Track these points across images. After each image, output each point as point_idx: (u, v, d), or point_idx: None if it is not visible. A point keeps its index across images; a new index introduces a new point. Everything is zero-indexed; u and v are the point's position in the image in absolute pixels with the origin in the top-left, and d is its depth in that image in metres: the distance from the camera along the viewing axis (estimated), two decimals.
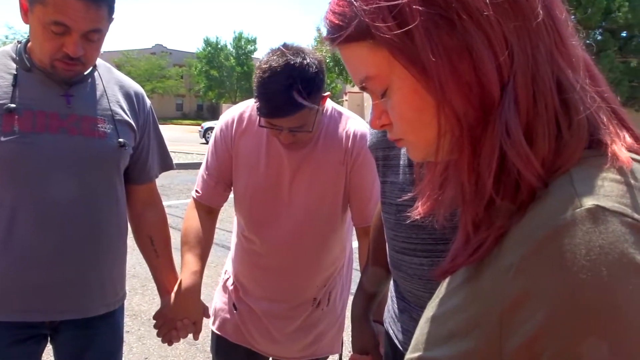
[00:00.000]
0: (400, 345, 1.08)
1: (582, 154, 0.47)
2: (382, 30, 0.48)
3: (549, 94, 0.47)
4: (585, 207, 0.42)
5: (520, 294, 0.43)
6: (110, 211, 1.34)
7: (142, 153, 1.45)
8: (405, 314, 1.08)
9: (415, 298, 1.04)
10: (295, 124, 1.31)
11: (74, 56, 1.17)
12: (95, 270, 1.33)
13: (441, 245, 0.96)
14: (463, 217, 0.53)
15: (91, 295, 1.33)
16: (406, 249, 1.02)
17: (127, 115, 1.36)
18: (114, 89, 1.37)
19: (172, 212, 6.55)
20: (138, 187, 1.47)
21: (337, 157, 1.43)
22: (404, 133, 0.55)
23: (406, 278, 1.04)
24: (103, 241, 1.33)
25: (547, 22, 0.49)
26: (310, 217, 1.47)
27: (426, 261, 0.99)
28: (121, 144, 1.31)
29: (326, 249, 1.53)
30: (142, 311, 3.50)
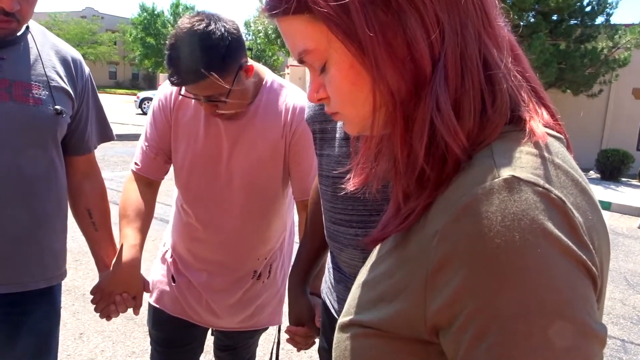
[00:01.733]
0: (336, 315, 1.12)
1: (503, 129, 0.51)
2: (319, 4, 0.49)
3: (476, 71, 0.50)
4: (502, 178, 0.45)
5: (443, 258, 0.46)
6: (47, 182, 1.28)
7: (81, 122, 1.38)
8: (341, 284, 1.11)
9: (350, 268, 1.07)
10: (207, 93, 1.29)
11: (10, 10, 1.10)
12: (34, 243, 1.27)
13: (375, 216, 1.00)
14: (395, 188, 0.56)
15: (29, 269, 1.28)
16: (342, 220, 1.05)
17: (63, 81, 1.29)
18: (49, 53, 1.29)
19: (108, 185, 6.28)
20: (76, 159, 1.41)
21: (276, 130, 1.42)
22: (340, 107, 0.56)
23: (342, 249, 1.07)
24: (40, 213, 1.27)
25: (476, 2, 0.51)
26: (249, 190, 1.46)
27: (361, 232, 1.02)
28: (57, 112, 1.25)
29: (266, 223, 1.53)
30: (75, 286, 3.39)
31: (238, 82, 1.31)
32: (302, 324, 1.25)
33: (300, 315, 1.25)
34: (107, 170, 7.41)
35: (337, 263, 1.13)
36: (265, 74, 1.47)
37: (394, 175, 0.55)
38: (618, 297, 4.34)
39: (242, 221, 1.50)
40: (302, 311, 1.25)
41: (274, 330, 1.64)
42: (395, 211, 0.56)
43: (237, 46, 1.28)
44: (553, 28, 11.55)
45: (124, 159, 8.55)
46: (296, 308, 1.26)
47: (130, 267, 1.36)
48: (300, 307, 1.25)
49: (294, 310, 1.26)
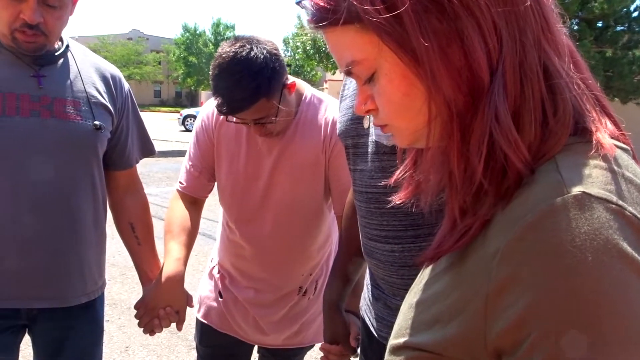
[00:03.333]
0: (375, 332, 1.09)
1: (567, 141, 0.48)
2: (370, 13, 0.47)
3: (536, 80, 0.47)
4: (571, 194, 0.42)
5: (506, 279, 0.43)
6: (87, 196, 1.31)
7: (121, 137, 1.41)
8: (379, 301, 1.09)
9: (388, 285, 1.05)
10: (256, 116, 1.30)
11: (31, 22, 1.13)
12: (74, 257, 1.30)
13: (411, 231, 0.97)
14: (450, 203, 0.53)
15: (71, 283, 1.31)
16: (378, 236, 1.02)
17: (103, 97, 1.33)
18: (89, 70, 1.33)
19: (152, 200, 6.45)
20: (118, 173, 1.44)
21: (316, 144, 1.42)
22: (390, 119, 0.54)
23: (379, 265, 1.04)
24: (80, 227, 1.30)
25: (534, 7, 0.49)
26: (292, 206, 1.46)
27: (397, 248, 0.99)
28: (97, 127, 1.28)
29: (310, 238, 1.52)
30: (122, 300, 3.47)
31: (283, 101, 1.32)
32: (337, 342, 1.22)
33: (335, 333, 1.23)
34: (151, 186, 7.61)
35: (375, 280, 1.10)
36: (304, 88, 1.48)
37: (449, 189, 0.52)
38: None
39: (285, 238, 1.49)
40: (337, 329, 1.22)
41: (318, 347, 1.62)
42: (451, 228, 0.53)
43: (279, 66, 1.29)
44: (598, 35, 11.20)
45: (167, 174, 8.76)
46: (331, 326, 1.23)
47: (174, 281, 1.37)
48: (335, 325, 1.23)
49: (329, 328, 1.24)
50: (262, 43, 1.28)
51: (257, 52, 1.25)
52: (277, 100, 1.30)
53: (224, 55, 1.26)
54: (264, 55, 1.25)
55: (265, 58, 1.25)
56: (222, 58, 1.26)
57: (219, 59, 1.27)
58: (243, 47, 1.25)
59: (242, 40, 1.28)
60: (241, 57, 1.24)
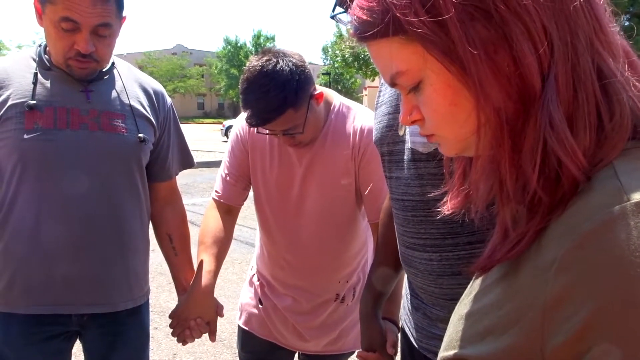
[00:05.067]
0: (415, 342, 1.08)
1: (625, 146, 0.46)
2: (415, 24, 0.47)
3: (590, 84, 0.46)
4: (633, 201, 0.40)
5: (564, 289, 0.41)
6: (132, 206, 1.36)
7: (162, 150, 1.46)
8: (419, 311, 1.07)
9: (426, 294, 1.03)
10: (284, 127, 1.32)
11: (84, 52, 1.19)
12: (121, 265, 1.34)
13: (449, 239, 0.95)
14: (501, 212, 0.51)
15: (119, 289, 1.35)
16: (415, 244, 1.01)
17: (146, 111, 1.38)
18: (133, 85, 1.39)
19: (197, 209, 6.62)
20: (158, 185, 1.49)
21: (346, 152, 1.43)
22: (436, 128, 0.53)
23: (417, 274, 1.03)
24: (126, 236, 1.35)
25: (585, 8, 0.47)
26: (324, 214, 1.47)
27: (435, 256, 0.97)
28: (141, 139, 1.33)
29: (344, 245, 1.52)
30: (169, 308, 3.49)
31: (311, 111, 1.35)
32: (374, 350, 1.21)
33: (372, 340, 1.21)
34: (196, 196, 7.79)
35: (414, 289, 1.09)
36: (333, 97, 1.49)
37: (500, 198, 0.50)
38: None
39: (319, 246, 1.50)
40: (374, 336, 1.21)
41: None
42: (503, 237, 0.51)
43: (305, 78, 1.32)
44: None
45: (211, 184, 8.92)
46: (368, 333, 1.22)
47: (204, 293, 1.40)
48: (372, 332, 1.21)
49: (366, 336, 1.23)
50: (288, 56, 1.31)
51: (283, 64, 1.28)
52: (304, 111, 1.33)
53: (251, 69, 1.30)
54: (289, 68, 1.28)
55: (291, 70, 1.28)
56: (249, 72, 1.30)
57: (247, 73, 1.31)
58: (269, 61, 1.28)
59: (269, 53, 1.32)
60: (267, 70, 1.27)
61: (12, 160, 1.22)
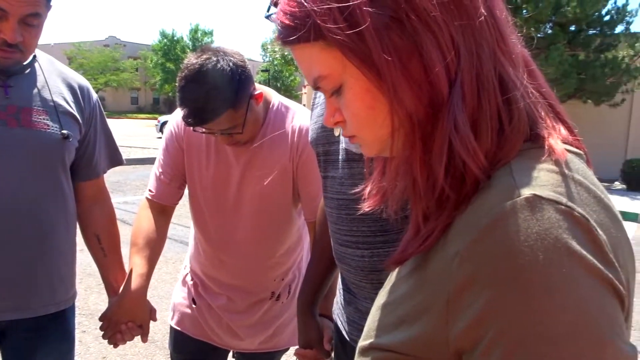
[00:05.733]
0: (347, 336, 1.10)
1: (522, 147, 0.50)
2: (333, 31, 0.49)
3: (492, 90, 0.50)
4: (523, 197, 0.44)
5: (465, 279, 0.45)
6: (55, 206, 1.30)
7: (88, 147, 1.41)
8: (351, 305, 1.10)
9: (359, 289, 1.06)
10: (223, 127, 1.30)
11: (11, 42, 1.13)
12: (43, 268, 1.29)
13: (380, 236, 0.99)
14: (414, 210, 0.55)
15: (41, 294, 1.29)
16: (348, 241, 1.04)
17: (70, 107, 1.32)
18: (56, 80, 1.33)
19: (129, 208, 6.39)
20: (85, 184, 1.43)
21: (284, 152, 1.43)
22: (357, 130, 0.56)
23: (350, 270, 1.06)
24: (49, 237, 1.29)
25: (489, 21, 0.51)
26: (260, 213, 1.47)
27: (367, 253, 1.01)
28: (64, 136, 1.27)
29: (280, 244, 1.53)
30: (99, 310, 3.38)
31: (250, 111, 1.33)
32: (311, 347, 1.24)
33: (308, 337, 1.24)
34: (128, 194, 7.53)
35: (347, 284, 1.12)
36: (271, 96, 1.48)
37: (413, 196, 0.54)
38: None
39: (255, 244, 1.50)
40: (311, 334, 1.23)
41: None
42: (415, 232, 0.55)
43: (246, 77, 1.30)
44: (571, 39, 11.45)
45: (145, 182, 8.65)
46: (305, 330, 1.25)
47: (136, 296, 1.36)
48: (309, 330, 1.24)
49: (303, 333, 1.25)
50: (229, 55, 1.28)
51: (223, 64, 1.25)
52: (244, 111, 1.31)
53: (190, 67, 1.26)
54: (229, 67, 1.25)
55: (231, 70, 1.25)
56: (188, 70, 1.26)
57: (185, 71, 1.27)
58: (209, 59, 1.25)
59: (208, 52, 1.28)
60: (207, 69, 1.24)
61: None
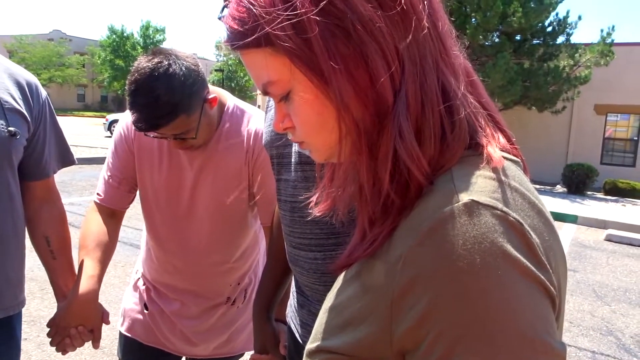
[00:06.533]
0: (300, 339, 1.11)
1: (463, 154, 0.53)
2: (281, 38, 0.50)
3: (435, 99, 0.52)
4: (462, 202, 0.47)
5: (408, 282, 0.47)
6: (3, 207, 1.25)
7: (37, 146, 1.35)
8: (304, 308, 1.11)
9: (312, 292, 1.07)
10: (176, 131, 1.26)
11: None
12: None
13: (332, 239, 1.00)
14: (360, 214, 0.57)
15: None
16: (301, 244, 1.05)
17: (18, 104, 1.27)
18: (2, 76, 1.27)
19: (75, 209, 6.16)
20: (34, 184, 1.38)
21: (239, 156, 1.41)
22: (306, 136, 0.57)
23: (303, 273, 1.07)
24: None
25: (432, 33, 0.53)
26: (215, 217, 1.45)
27: (320, 255, 1.02)
28: (11, 133, 1.22)
29: (235, 248, 1.51)
30: (41, 316, 3.28)
31: (204, 115, 1.31)
32: (267, 352, 1.23)
33: (264, 342, 1.23)
34: (74, 195, 7.25)
35: (300, 287, 1.13)
36: (226, 99, 1.45)
37: (360, 201, 0.56)
38: (587, 309, 4.43)
39: (210, 249, 1.48)
40: (267, 338, 1.23)
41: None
42: (361, 237, 0.56)
43: (200, 81, 1.26)
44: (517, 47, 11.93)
45: (92, 182, 8.38)
46: (260, 335, 1.24)
47: (87, 299, 1.29)
48: (265, 334, 1.23)
49: (259, 338, 1.24)
50: (181, 58, 1.24)
51: (175, 67, 1.21)
52: (197, 116, 1.27)
53: (140, 71, 1.20)
54: (182, 71, 1.21)
55: (184, 74, 1.21)
56: (139, 73, 1.20)
57: (136, 74, 1.21)
58: (161, 63, 1.20)
59: (160, 55, 1.23)
60: (159, 73, 1.19)
61: None
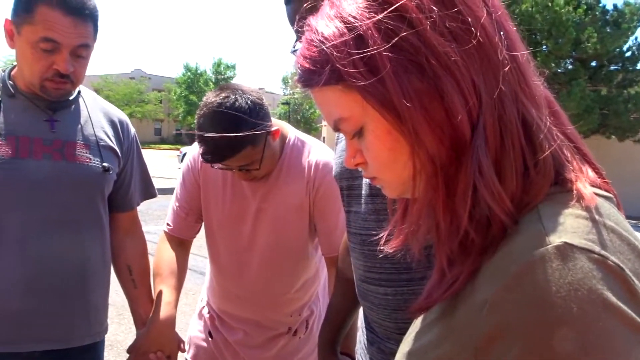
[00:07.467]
0: None
1: (549, 191, 0.49)
2: (353, 75, 0.49)
3: (516, 132, 0.49)
4: (554, 244, 0.43)
5: (494, 329, 0.44)
6: (94, 237, 1.33)
7: (125, 180, 1.45)
8: (374, 345, 1.07)
9: (382, 329, 1.04)
10: (241, 163, 1.32)
11: (64, 72, 1.19)
12: (80, 299, 1.30)
13: (404, 274, 0.97)
14: (438, 254, 0.54)
15: (77, 325, 1.30)
16: (371, 278, 1.02)
17: (111, 141, 1.37)
18: (98, 115, 1.38)
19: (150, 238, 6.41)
20: (120, 215, 1.46)
21: (300, 187, 1.43)
22: (378, 172, 0.56)
23: (372, 308, 1.04)
24: (88, 268, 1.31)
25: (511, 63, 0.51)
26: (277, 247, 1.47)
27: (390, 291, 0.99)
28: (105, 169, 1.31)
29: (296, 279, 1.52)
30: (118, 341, 3.41)
31: (268, 147, 1.35)
32: None
33: None
34: (150, 223, 7.59)
35: (370, 323, 1.09)
36: (288, 131, 1.50)
37: (437, 240, 0.53)
38: None
39: (270, 279, 1.50)
40: None
41: None
42: (440, 278, 0.54)
43: (263, 114, 1.32)
44: (592, 74, 11.42)
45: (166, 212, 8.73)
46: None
47: (165, 326, 1.35)
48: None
49: None
50: (246, 92, 1.31)
51: (241, 102, 1.27)
52: (261, 148, 1.33)
53: (208, 105, 1.28)
54: (247, 105, 1.28)
55: (249, 107, 1.28)
56: (207, 107, 1.29)
57: (204, 109, 1.29)
58: (227, 97, 1.28)
59: (226, 90, 1.31)
60: (225, 107, 1.26)
61: None
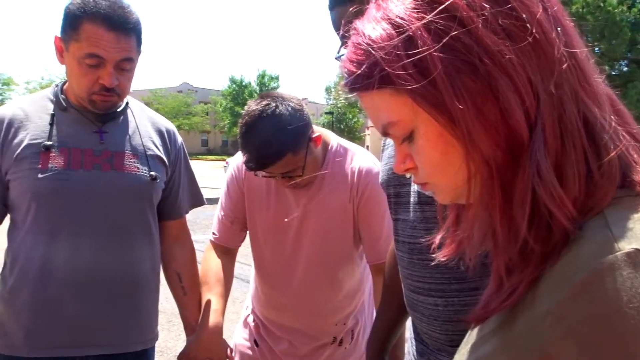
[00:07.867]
0: None
1: (615, 194, 0.46)
2: (403, 78, 0.47)
3: (577, 133, 0.46)
4: (624, 251, 0.40)
5: (559, 342, 0.41)
6: (144, 245, 1.37)
7: (173, 188, 1.48)
8: (424, 357, 1.05)
9: (432, 340, 1.01)
10: (284, 170, 1.33)
11: (109, 86, 1.23)
12: (132, 305, 1.34)
13: (455, 284, 0.94)
14: (495, 262, 0.51)
15: (129, 331, 1.34)
16: (420, 288, 0.99)
17: (159, 150, 1.41)
18: (146, 125, 1.42)
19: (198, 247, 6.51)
20: (169, 223, 1.50)
21: (344, 194, 1.43)
22: (429, 177, 0.54)
23: (422, 319, 1.01)
24: (138, 275, 1.35)
25: (569, 60, 0.48)
26: (321, 255, 1.46)
27: (441, 301, 0.96)
28: (153, 177, 1.35)
29: (340, 287, 1.51)
30: (168, 347, 3.48)
31: (310, 154, 1.36)
32: None
33: None
34: (198, 232, 7.75)
35: (419, 334, 1.07)
36: (330, 138, 1.50)
37: (494, 247, 0.51)
38: None
39: (315, 287, 1.49)
40: None
41: None
42: (498, 287, 0.51)
43: (304, 121, 1.33)
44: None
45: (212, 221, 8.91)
46: None
47: (213, 333, 1.38)
48: None
49: None
50: (287, 100, 1.33)
51: (282, 109, 1.29)
52: (303, 154, 1.34)
53: (250, 114, 1.31)
54: (288, 112, 1.30)
55: (290, 114, 1.29)
56: (248, 116, 1.31)
57: (246, 117, 1.32)
58: (268, 105, 1.30)
59: (267, 98, 1.34)
60: (267, 114, 1.28)
61: (26, 199, 1.25)
